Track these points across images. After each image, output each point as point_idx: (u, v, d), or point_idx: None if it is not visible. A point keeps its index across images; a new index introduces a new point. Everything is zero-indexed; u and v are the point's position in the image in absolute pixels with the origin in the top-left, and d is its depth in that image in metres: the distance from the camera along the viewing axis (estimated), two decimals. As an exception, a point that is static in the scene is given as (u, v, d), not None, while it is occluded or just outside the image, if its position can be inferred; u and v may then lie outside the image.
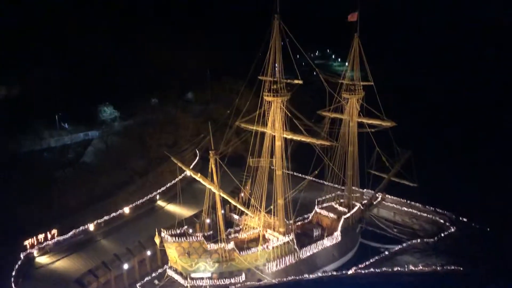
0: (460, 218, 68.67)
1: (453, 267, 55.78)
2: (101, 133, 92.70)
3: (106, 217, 67.73)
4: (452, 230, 66.65)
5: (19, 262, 56.93)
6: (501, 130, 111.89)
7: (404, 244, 64.17)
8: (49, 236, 61.29)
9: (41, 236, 60.62)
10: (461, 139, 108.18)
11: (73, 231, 63.43)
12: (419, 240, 64.84)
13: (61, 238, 62.09)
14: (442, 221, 69.47)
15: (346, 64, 63.05)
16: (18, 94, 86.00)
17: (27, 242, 59.30)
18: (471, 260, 56.32)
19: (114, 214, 68.74)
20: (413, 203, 73.61)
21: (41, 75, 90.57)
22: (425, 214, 71.13)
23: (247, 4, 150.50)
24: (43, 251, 60.65)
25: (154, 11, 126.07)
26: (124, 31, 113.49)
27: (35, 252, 59.73)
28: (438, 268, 56.08)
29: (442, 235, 65.65)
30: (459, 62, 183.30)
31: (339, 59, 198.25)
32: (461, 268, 55.34)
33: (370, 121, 63.16)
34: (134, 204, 72.27)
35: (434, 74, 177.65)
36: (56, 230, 62.04)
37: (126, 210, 70.71)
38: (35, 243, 60.08)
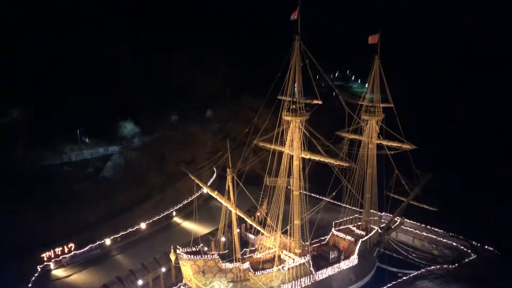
0: (482, 245, 67.12)
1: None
2: (120, 149, 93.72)
3: (122, 232, 68.20)
4: (473, 257, 65.00)
5: (36, 274, 57.44)
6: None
7: (423, 270, 62.75)
8: (66, 249, 61.83)
9: (58, 249, 61.24)
10: (483, 164, 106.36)
11: (90, 245, 63.86)
12: (438, 266, 63.38)
13: (77, 251, 62.58)
14: (463, 247, 67.86)
15: (366, 85, 62.87)
16: (40, 108, 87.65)
17: (44, 255, 59.92)
18: (492, 288, 54.88)
19: (130, 229, 69.16)
20: (433, 228, 72.16)
21: (63, 90, 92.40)
22: (445, 240, 69.58)
23: (268, 24, 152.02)
24: (59, 264, 61.17)
25: (176, 29, 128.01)
26: (147, 48, 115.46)
27: (51, 264, 60.28)
28: (457, 296, 54.71)
29: (463, 262, 64.06)
30: (481, 85, 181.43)
31: (359, 81, 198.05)
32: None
33: (389, 143, 62.51)
34: (150, 220, 72.57)
35: (455, 97, 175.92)
36: (73, 243, 62.61)
37: (143, 225, 71.01)
38: (52, 256, 60.65)
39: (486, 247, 66.99)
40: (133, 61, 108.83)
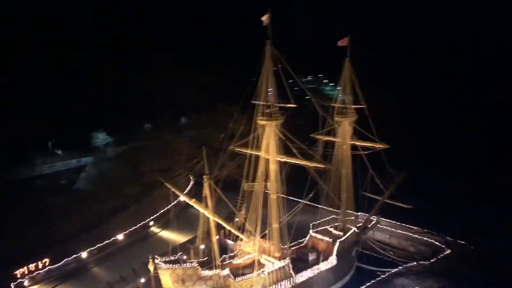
0: (455, 240, 68.73)
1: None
2: (94, 159, 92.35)
3: (99, 244, 66.97)
4: (448, 252, 66.50)
5: (9, 293, 55.86)
6: (493, 150, 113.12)
7: (400, 267, 63.77)
8: (40, 265, 60.30)
9: (32, 265, 59.65)
10: (454, 160, 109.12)
11: (65, 259, 62.50)
12: (415, 263, 64.54)
13: (52, 266, 61.10)
14: (437, 243, 69.33)
15: (338, 87, 63.70)
16: (9, 120, 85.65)
17: (18, 272, 58.31)
18: (467, 282, 56.25)
19: (107, 241, 68.01)
20: (408, 225, 73.49)
21: (34, 102, 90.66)
22: (420, 237, 70.93)
23: (240, 30, 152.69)
24: (34, 281, 59.62)
25: (149, 37, 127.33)
26: (118, 57, 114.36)
27: (26, 282, 58.65)
28: (435, 290, 55.83)
29: (438, 257, 65.44)
30: (451, 84, 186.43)
31: (331, 83, 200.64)
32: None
33: (363, 144, 63.41)
34: (127, 231, 71.56)
35: (427, 95, 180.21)
36: (48, 258, 61.12)
37: (120, 236, 69.95)
38: (26, 272, 59.06)
39: (459, 242, 68.58)
40: (105, 71, 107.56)
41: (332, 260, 59.83)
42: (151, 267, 52.28)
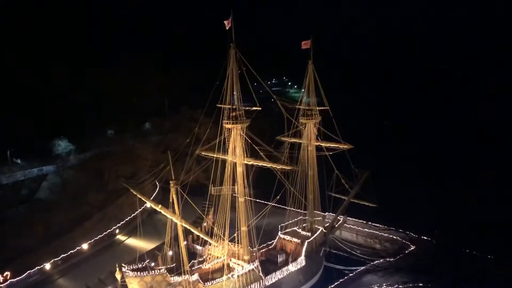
0: (419, 236, 70.80)
1: (414, 284, 57.21)
2: (56, 168, 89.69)
3: (63, 255, 65.24)
4: (412, 248, 68.39)
5: (-31, 309, 53.63)
6: (457, 148, 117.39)
7: (367, 265, 65.11)
8: (1, 278, 58.17)
9: (-7, 279, 57.51)
10: (417, 158, 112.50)
11: (28, 271, 60.52)
12: (381, 260, 66.03)
13: (15, 279, 59.05)
14: (402, 239, 71.20)
15: (302, 90, 64.55)
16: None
17: (-23, 286, 56.11)
18: (431, 276, 58.08)
19: (71, 251, 66.38)
20: (373, 223, 75.12)
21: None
22: (385, 234, 72.64)
23: (204, 33, 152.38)
24: (-5, 295, 57.45)
25: (109, 40, 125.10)
26: (78, 61, 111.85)
27: (-14, 296, 56.49)
28: (400, 286, 57.24)
29: (403, 253, 67.20)
30: (411, 81, 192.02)
31: (295, 86, 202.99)
32: (421, 285, 56.94)
33: (327, 145, 64.47)
34: (92, 240, 70.06)
35: (387, 93, 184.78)
36: (9, 271, 59.02)
37: (85, 246, 68.44)
38: (-13, 287, 56.90)
39: (423, 238, 70.66)
40: (65, 76, 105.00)
41: (301, 261, 60.42)
42: (118, 276, 51.30)
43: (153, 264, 54.78)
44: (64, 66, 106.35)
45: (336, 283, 59.59)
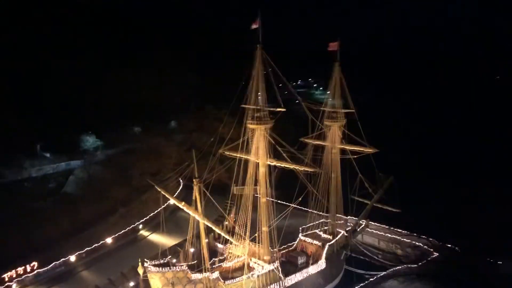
0: (443, 243, 69.59)
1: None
2: (83, 163, 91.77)
3: (87, 248, 66.66)
4: (435, 255, 67.28)
5: (-3, 296, 55.41)
6: (482, 155, 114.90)
7: (389, 270, 64.35)
8: (28, 268, 59.88)
9: (20, 269, 59.22)
10: (442, 164, 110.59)
11: (54, 262, 62.12)
12: (403, 266, 65.17)
13: (41, 270, 60.70)
14: (425, 246, 70.11)
15: (328, 92, 64.23)
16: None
17: (5, 275, 57.82)
18: (454, 284, 57.04)
19: (96, 244, 67.73)
20: (396, 229, 74.17)
21: (22, 105, 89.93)
22: (408, 240, 71.65)
23: (231, 34, 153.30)
24: (22, 284, 59.11)
25: (138, 40, 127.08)
26: (107, 59, 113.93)
27: (14, 285, 58.18)
28: (422, 293, 56.48)
29: (425, 260, 66.18)
30: (439, 88, 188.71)
31: (321, 88, 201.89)
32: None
33: (352, 148, 63.93)
34: (116, 234, 71.30)
35: (414, 99, 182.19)
36: (36, 262, 60.71)
37: (108, 240, 69.71)
38: (14, 276, 58.60)
39: (446, 245, 69.45)
40: (93, 73, 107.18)
41: (321, 264, 60.20)
42: (140, 270, 52.19)
43: (174, 260, 55.47)
44: (94, 63, 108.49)
45: (356, 287, 59.13)
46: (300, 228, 66.00)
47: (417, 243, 70.92)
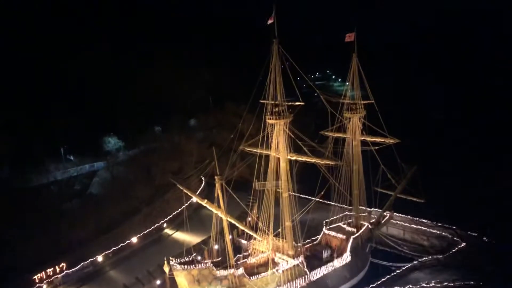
0: (469, 233, 68.27)
1: (464, 282, 55.30)
2: (106, 164, 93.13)
3: (114, 248, 67.64)
4: (462, 245, 66.08)
5: (28, 297, 56.70)
6: (508, 144, 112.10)
7: (415, 262, 63.52)
8: (57, 269, 61.13)
9: (49, 270, 60.49)
10: (466, 153, 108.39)
11: (82, 263, 63.29)
12: (429, 257, 64.25)
13: (70, 271, 61.90)
14: (451, 236, 68.87)
15: (346, 83, 63.56)
16: (22, 127, 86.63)
17: (35, 277, 59.15)
18: (482, 274, 55.92)
19: (122, 244, 68.64)
20: (421, 219, 73.10)
21: (45, 109, 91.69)
22: (434, 230, 70.53)
23: (247, 29, 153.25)
24: (52, 285, 60.39)
25: (156, 40, 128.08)
26: (127, 61, 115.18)
27: (44, 286, 59.47)
28: (450, 284, 55.50)
29: (452, 250, 65.05)
30: (461, 77, 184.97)
31: (339, 79, 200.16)
32: (472, 283, 54.90)
33: (373, 139, 63.18)
34: (141, 234, 72.16)
35: (435, 88, 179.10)
36: (64, 263, 61.92)
37: (134, 239, 70.60)
38: (44, 277, 59.90)
39: (473, 234, 68.12)
40: (114, 75, 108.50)
41: (346, 257, 59.84)
42: (166, 268, 52.85)
43: (199, 257, 55.95)
44: (114, 65, 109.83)
45: (382, 280, 58.56)
46: (324, 222, 65.69)
47: (443, 233, 69.67)
